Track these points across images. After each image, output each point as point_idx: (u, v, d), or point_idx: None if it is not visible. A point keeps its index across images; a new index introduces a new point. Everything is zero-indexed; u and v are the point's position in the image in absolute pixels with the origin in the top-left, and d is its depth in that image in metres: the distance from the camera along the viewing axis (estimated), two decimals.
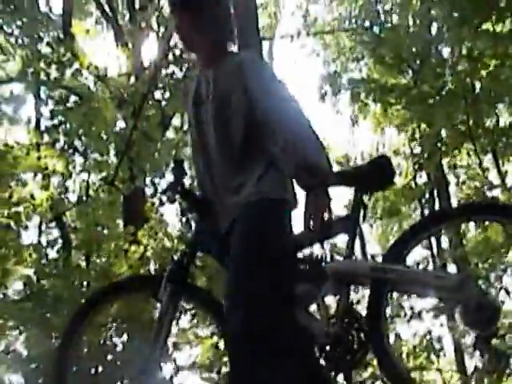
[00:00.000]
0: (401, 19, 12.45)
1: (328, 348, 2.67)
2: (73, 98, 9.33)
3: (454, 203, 13.82)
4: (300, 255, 2.79)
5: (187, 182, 3.11)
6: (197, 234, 2.85)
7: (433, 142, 11.25)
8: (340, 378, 2.78)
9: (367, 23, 13.46)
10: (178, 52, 8.75)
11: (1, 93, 12.48)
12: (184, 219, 3.18)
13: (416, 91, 10.77)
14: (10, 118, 8.33)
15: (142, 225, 8.71)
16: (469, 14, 9.61)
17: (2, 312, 8.76)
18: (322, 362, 2.66)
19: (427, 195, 14.63)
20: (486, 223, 11.34)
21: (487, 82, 10.49)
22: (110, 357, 7.86)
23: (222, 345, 7.76)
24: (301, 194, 2.48)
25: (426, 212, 15.20)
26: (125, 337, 7.92)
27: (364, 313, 2.75)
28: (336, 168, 6.81)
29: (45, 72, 8.78)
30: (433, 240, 14.74)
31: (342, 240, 3.03)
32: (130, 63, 9.65)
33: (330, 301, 2.90)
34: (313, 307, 2.86)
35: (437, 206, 14.30)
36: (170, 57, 9.29)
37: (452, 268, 13.55)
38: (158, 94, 9.15)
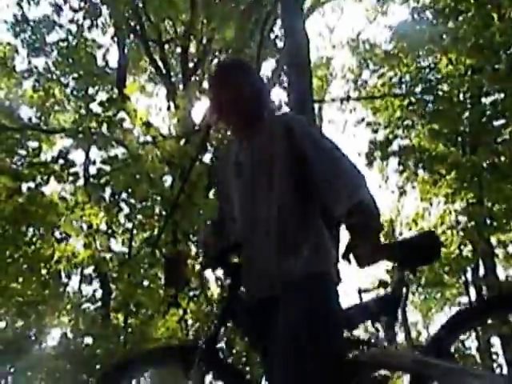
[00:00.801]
0: (452, 87, 12.31)
1: None
2: (120, 153, 9.39)
3: (501, 275, 13.46)
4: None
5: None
6: (228, 305, 2.67)
7: (482, 217, 10.97)
8: None
9: (418, 89, 13.36)
10: None
11: (52, 143, 12.73)
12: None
13: (468, 164, 10.57)
14: (58, 174, 8.38)
15: (183, 288, 8.60)
16: None
17: (36, 366, 8.71)
18: None
19: (472, 266, 14.26)
20: None
21: None
22: None
23: None
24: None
25: (470, 282, 14.84)
26: None
27: None
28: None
29: (96, 130, 8.87)
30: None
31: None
32: (180, 125, 9.69)
33: None
34: None
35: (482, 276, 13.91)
36: None
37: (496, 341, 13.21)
38: (206, 157, 9.15)
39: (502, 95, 10.79)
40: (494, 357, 13.48)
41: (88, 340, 8.74)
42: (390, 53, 14.28)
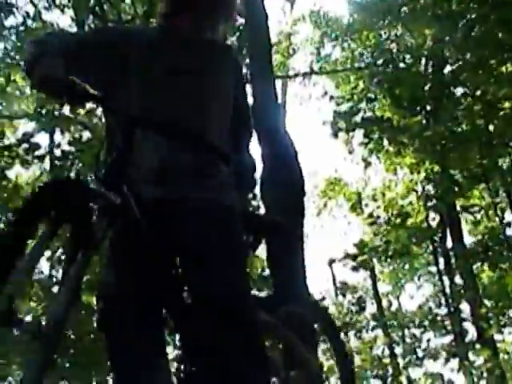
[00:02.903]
0: (414, 59, 12.42)
1: None
2: (85, 136, 9.30)
3: (468, 242, 13.68)
4: None
5: None
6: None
7: (446, 184, 11.15)
8: None
9: (380, 61, 13.43)
10: None
11: (16, 128, 12.58)
12: None
13: (430, 133, 10.71)
14: (22, 158, 8.30)
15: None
16: (484, 57, 9.61)
17: (7, 351, 8.63)
18: None
19: (440, 235, 14.44)
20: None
21: (501, 124, 10.45)
22: None
23: None
24: None
25: (438, 251, 15.03)
26: None
27: None
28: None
29: (59, 112, 8.78)
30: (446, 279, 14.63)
31: None
32: None
33: None
34: None
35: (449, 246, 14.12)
36: None
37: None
38: None
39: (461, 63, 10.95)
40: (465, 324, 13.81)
41: None
42: (351, 26, 14.36)
